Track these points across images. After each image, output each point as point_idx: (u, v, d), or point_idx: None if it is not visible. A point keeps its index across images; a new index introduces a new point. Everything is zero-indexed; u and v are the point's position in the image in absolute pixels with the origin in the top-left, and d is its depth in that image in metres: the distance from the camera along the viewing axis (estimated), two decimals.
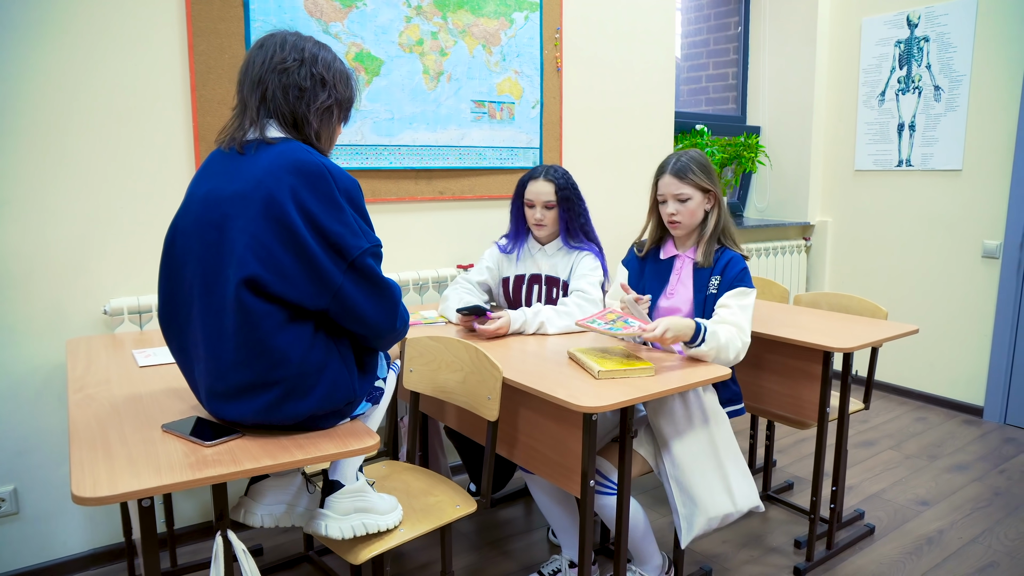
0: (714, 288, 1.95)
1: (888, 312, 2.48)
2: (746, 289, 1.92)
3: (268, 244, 1.21)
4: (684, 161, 1.97)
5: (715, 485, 1.82)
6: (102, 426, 1.32)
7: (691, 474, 1.81)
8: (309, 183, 1.25)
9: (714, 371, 1.73)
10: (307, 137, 1.37)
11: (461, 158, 2.80)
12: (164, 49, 2.14)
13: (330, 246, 1.25)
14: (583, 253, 2.30)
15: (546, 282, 2.35)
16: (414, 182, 2.72)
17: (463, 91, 2.77)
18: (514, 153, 2.93)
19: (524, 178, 2.33)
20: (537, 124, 2.98)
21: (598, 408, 1.47)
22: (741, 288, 1.92)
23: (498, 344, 2.01)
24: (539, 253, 2.37)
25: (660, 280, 2.07)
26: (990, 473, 2.93)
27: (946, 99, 3.58)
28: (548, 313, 2.12)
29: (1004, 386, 3.47)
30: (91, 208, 2.09)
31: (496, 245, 2.45)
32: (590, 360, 1.72)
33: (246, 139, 1.32)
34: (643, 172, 3.35)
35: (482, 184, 2.88)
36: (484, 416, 1.70)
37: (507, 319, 2.07)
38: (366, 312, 1.29)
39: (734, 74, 4.52)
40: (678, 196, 1.97)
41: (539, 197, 2.28)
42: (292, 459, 1.19)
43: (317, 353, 1.27)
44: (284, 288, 1.22)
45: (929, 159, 3.68)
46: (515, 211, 2.36)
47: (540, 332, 2.12)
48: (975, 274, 3.54)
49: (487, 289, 2.45)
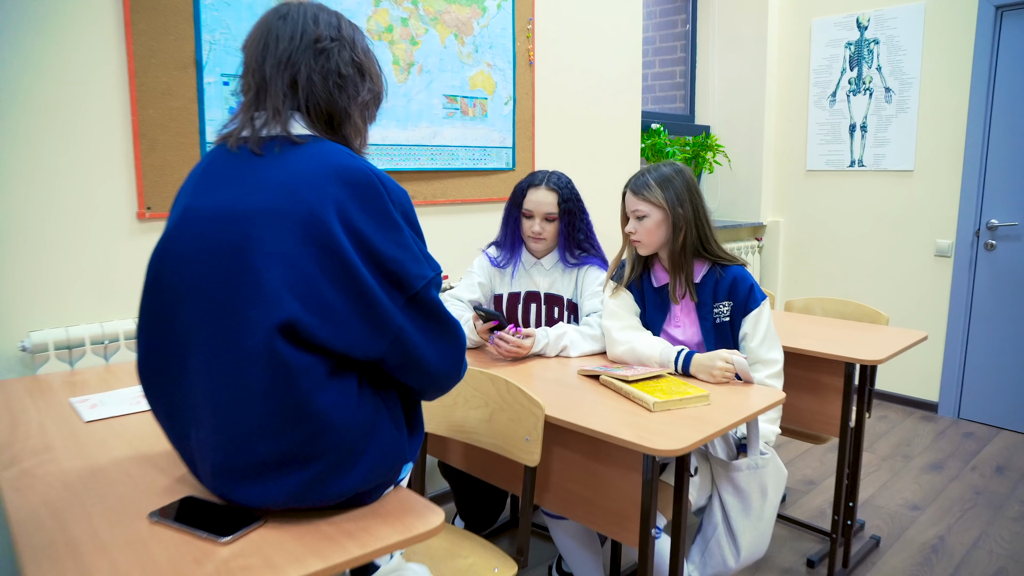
0: (725, 315, 1.80)
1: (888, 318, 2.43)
2: (761, 307, 1.80)
3: (310, 276, 0.93)
4: (645, 178, 1.80)
5: (763, 530, 1.67)
6: (60, 519, 0.99)
7: (743, 518, 1.65)
8: (359, 196, 0.98)
9: (771, 395, 1.57)
10: (345, 137, 1.09)
11: (433, 159, 2.53)
12: (96, 28, 1.75)
13: (387, 277, 0.98)
14: (587, 268, 2.09)
15: (546, 301, 2.12)
16: None
17: (435, 84, 2.50)
18: (487, 153, 2.69)
19: (523, 184, 2.08)
20: (510, 122, 2.75)
21: (677, 451, 1.27)
22: (757, 309, 1.79)
23: (518, 369, 1.77)
24: (535, 268, 2.14)
25: (661, 310, 1.90)
26: (964, 471, 2.96)
27: (897, 101, 3.63)
28: (573, 336, 1.90)
29: (957, 382, 3.56)
30: (1, 219, 1.68)
31: (485, 255, 2.19)
32: (639, 390, 1.51)
33: (265, 135, 1.02)
34: (612, 176, 3.18)
35: (454, 187, 2.62)
36: (521, 461, 1.46)
37: (534, 338, 1.84)
38: (429, 359, 1.03)
39: (681, 72, 4.45)
40: (635, 213, 1.81)
41: (540, 208, 2.04)
42: (348, 556, 0.91)
43: (364, 413, 0.99)
44: (331, 333, 0.94)
45: (881, 159, 3.73)
46: (510, 220, 2.11)
47: (562, 355, 1.89)
48: (928, 272, 3.61)
49: (477, 306, 2.20)
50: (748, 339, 1.79)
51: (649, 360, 1.76)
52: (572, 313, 2.10)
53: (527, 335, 1.84)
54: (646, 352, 1.77)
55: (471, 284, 2.14)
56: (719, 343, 1.82)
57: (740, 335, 1.81)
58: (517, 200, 2.07)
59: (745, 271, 1.84)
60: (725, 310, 1.82)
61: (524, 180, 2.10)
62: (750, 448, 1.66)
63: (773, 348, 1.80)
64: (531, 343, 1.83)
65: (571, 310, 2.10)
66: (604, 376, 1.64)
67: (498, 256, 2.15)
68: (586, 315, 2.03)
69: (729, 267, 1.83)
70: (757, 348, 1.78)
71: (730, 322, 1.81)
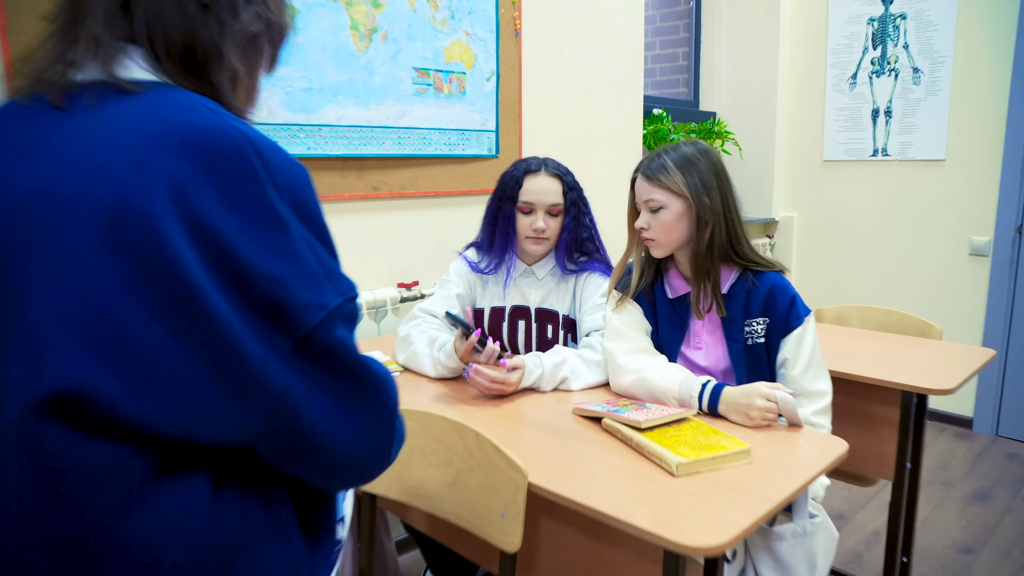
0: (759, 335, 1.43)
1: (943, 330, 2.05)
2: (805, 325, 1.42)
3: (115, 309, 0.55)
4: (662, 159, 1.42)
5: None
6: None
7: None
8: (214, 174, 0.59)
9: (829, 447, 1.18)
10: (214, 85, 0.70)
11: (401, 143, 2.14)
12: None
13: (260, 307, 0.59)
14: (588, 275, 1.70)
15: (537, 317, 1.73)
16: (340, 174, 2.03)
17: (403, 55, 2.10)
18: (465, 137, 2.29)
19: (515, 172, 1.68)
20: (493, 101, 2.35)
21: (715, 548, 0.88)
22: (800, 328, 1.41)
23: (499, 409, 1.38)
24: (525, 277, 1.74)
25: (678, 328, 1.52)
26: (1015, 502, 2.59)
27: (927, 82, 3.25)
28: (575, 363, 1.51)
29: (995, 396, 3.19)
30: None
31: (464, 259, 1.79)
32: (657, 443, 1.12)
33: (75, 80, 0.63)
34: (612, 166, 2.79)
35: (427, 177, 2.23)
36: (494, 543, 1.07)
37: (523, 370, 1.45)
38: (333, 437, 0.64)
39: (684, 54, 4.07)
40: (648, 204, 1.43)
41: (543, 198, 1.64)
42: None
43: (223, 531, 0.60)
44: (153, 408, 0.56)
45: (908, 148, 3.35)
46: (499, 218, 1.69)
47: (561, 388, 1.51)
48: (961, 274, 3.24)
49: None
50: (789, 366, 1.41)
51: (665, 395, 1.38)
52: (569, 332, 1.71)
53: (514, 367, 1.45)
54: (660, 384, 1.38)
55: (447, 296, 1.74)
56: (752, 371, 1.44)
57: (778, 361, 1.43)
58: (510, 191, 1.66)
59: (784, 279, 1.46)
60: (760, 329, 1.44)
61: (514, 167, 1.69)
62: (796, 510, 1.28)
63: (820, 377, 1.42)
64: (519, 377, 1.44)
65: (568, 328, 1.71)
66: (608, 420, 1.26)
67: (481, 261, 1.76)
68: (586, 334, 1.65)
69: (764, 274, 1.45)
70: (800, 377, 1.40)
71: (765, 344, 1.43)
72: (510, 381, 1.42)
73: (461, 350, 1.46)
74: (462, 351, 1.45)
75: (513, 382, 1.42)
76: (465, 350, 1.44)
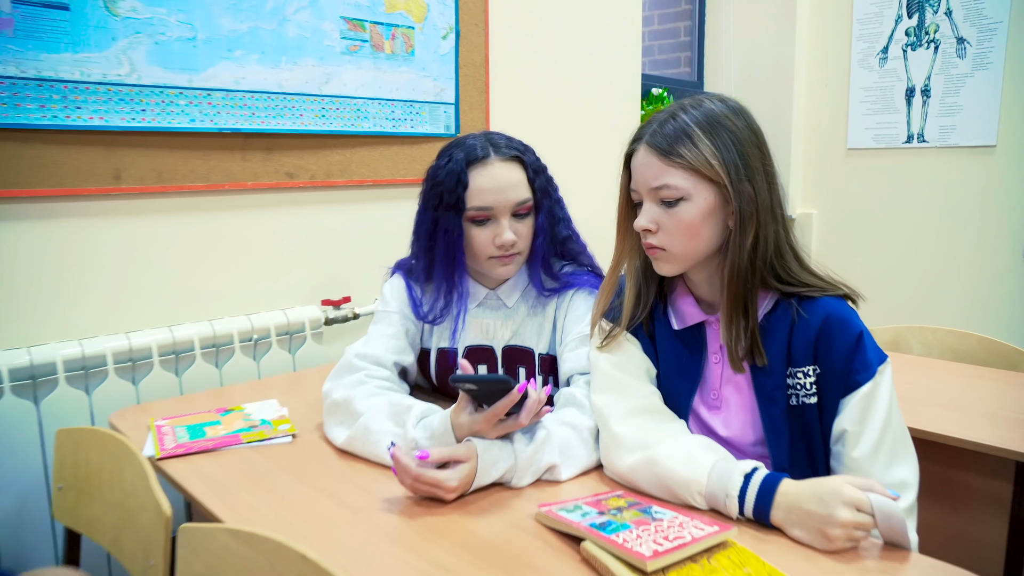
0: (809, 391, 0.94)
1: None
2: (878, 379, 0.92)
3: None
4: (681, 119, 0.93)
5: None
6: None
7: None
8: None
9: None
10: None
11: (326, 116, 1.63)
12: None
13: None
14: (572, 294, 1.20)
15: (505, 360, 1.23)
16: (240, 157, 1.53)
17: (327, 0, 1.60)
18: (414, 111, 1.79)
19: (450, 166, 1.13)
20: (451, 65, 1.85)
21: None
22: (871, 383, 0.92)
23: (427, 509, 0.88)
24: (486, 307, 1.24)
25: (688, 375, 1.02)
26: None
27: (974, 55, 2.77)
28: (564, 439, 1.00)
29: None
30: None
31: (402, 278, 1.27)
32: None
33: None
34: (604, 154, 2.30)
35: (361, 161, 1.72)
36: None
37: (472, 464, 0.92)
38: None
39: (687, 29, 3.60)
40: (659, 193, 0.93)
41: (505, 195, 1.12)
42: None
43: None
44: None
45: (950, 133, 2.88)
46: (439, 237, 1.16)
47: (547, 478, 0.99)
48: (1015, 277, 2.76)
49: (402, 370, 1.25)
50: (850, 443, 0.92)
51: (686, 490, 0.88)
52: (550, 375, 1.21)
53: (455, 460, 0.92)
54: (680, 472, 0.89)
55: (393, 333, 1.22)
56: (798, 448, 0.95)
57: (834, 433, 0.94)
58: (449, 196, 1.12)
59: (846, 308, 0.98)
60: (808, 382, 0.94)
61: (447, 159, 1.14)
62: None
63: (899, 458, 0.93)
64: (462, 478, 0.91)
65: (547, 371, 1.21)
66: (591, 548, 0.76)
67: (423, 303, 1.24)
68: (566, 379, 1.15)
69: (816, 300, 0.96)
70: (868, 461, 0.92)
71: (818, 404, 0.94)
72: (446, 486, 0.90)
73: (482, 422, 0.93)
74: (485, 422, 0.93)
75: (450, 488, 0.90)
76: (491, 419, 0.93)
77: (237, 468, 1.05)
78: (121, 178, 1.37)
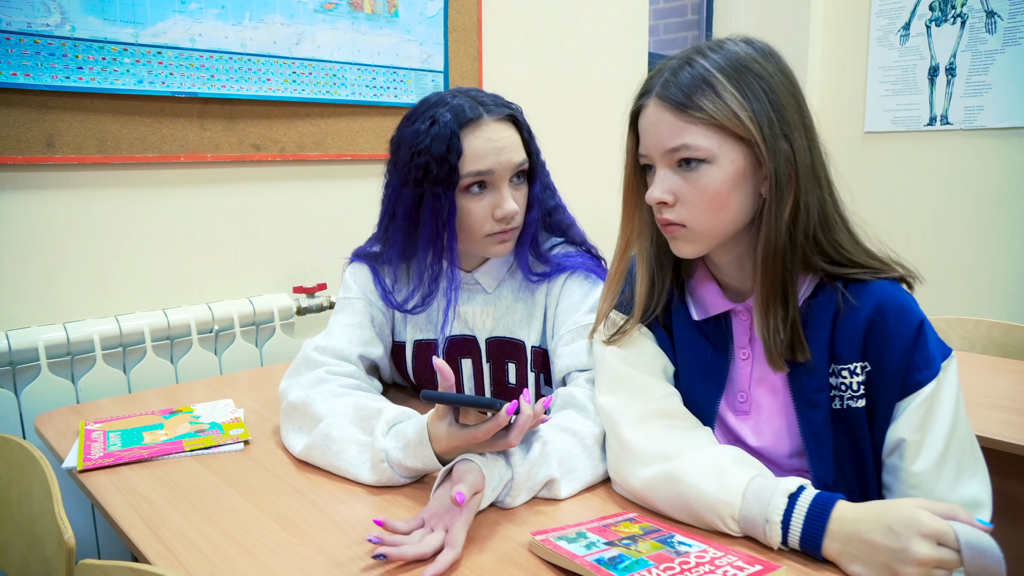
0: (857, 392, 0.78)
1: None
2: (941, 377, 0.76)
3: None
4: (699, 66, 0.75)
5: None
6: None
7: None
8: None
9: None
10: None
11: (297, 82, 1.46)
12: None
13: None
14: (565, 277, 1.02)
15: (490, 354, 1.05)
16: (197, 125, 1.35)
17: None
18: (397, 78, 1.62)
19: (435, 130, 0.93)
20: (440, 28, 1.67)
21: None
22: (933, 382, 0.76)
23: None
24: (466, 291, 1.07)
25: (711, 375, 0.86)
26: None
27: (1005, 30, 2.60)
28: (565, 449, 0.83)
29: None
30: None
31: (366, 265, 1.10)
32: None
33: None
34: (606, 132, 2.12)
35: (338, 133, 1.55)
36: None
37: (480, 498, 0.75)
38: None
39: (694, 7, 3.44)
40: (674, 155, 0.76)
41: (505, 156, 0.95)
42: None
43: None
44: None
45: (977, 114, 2.70)
46: (425, 216, 0.96)
47: (542, 496, 0.82)
48: None
49: (370, 365, 1.09)
50: (909, 455, 0.76)
51: (714, 512, 0.71)
52: (542, 372, 1.04)
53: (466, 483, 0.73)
54: (708, 492, 0.72)
55: (357, 322, 1.05)
56: (845, 459, 0.78)
57: (889, 443, 0.78)
58: (440, 166, 0.92)
59: (902, 293, 0.82)
60: (856, 382, 0.78)
61: (431, 119, 0.95)
62: None
63: (968, 472, 0.77)
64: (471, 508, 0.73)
65: (540, 366, 1.04)
66: None
67: (397, 290, 1.07)
68: (562, 378, 0.98)
69: (868, 284, 0.80)
70: (931, 476, 0.76)
71: (867, 408, 0.77)
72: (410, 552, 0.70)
73: (461, 442, 0.76)
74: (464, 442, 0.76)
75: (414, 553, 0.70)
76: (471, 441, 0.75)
77: (172, 483, 0.88)
78: (55, 145, 1.20)
